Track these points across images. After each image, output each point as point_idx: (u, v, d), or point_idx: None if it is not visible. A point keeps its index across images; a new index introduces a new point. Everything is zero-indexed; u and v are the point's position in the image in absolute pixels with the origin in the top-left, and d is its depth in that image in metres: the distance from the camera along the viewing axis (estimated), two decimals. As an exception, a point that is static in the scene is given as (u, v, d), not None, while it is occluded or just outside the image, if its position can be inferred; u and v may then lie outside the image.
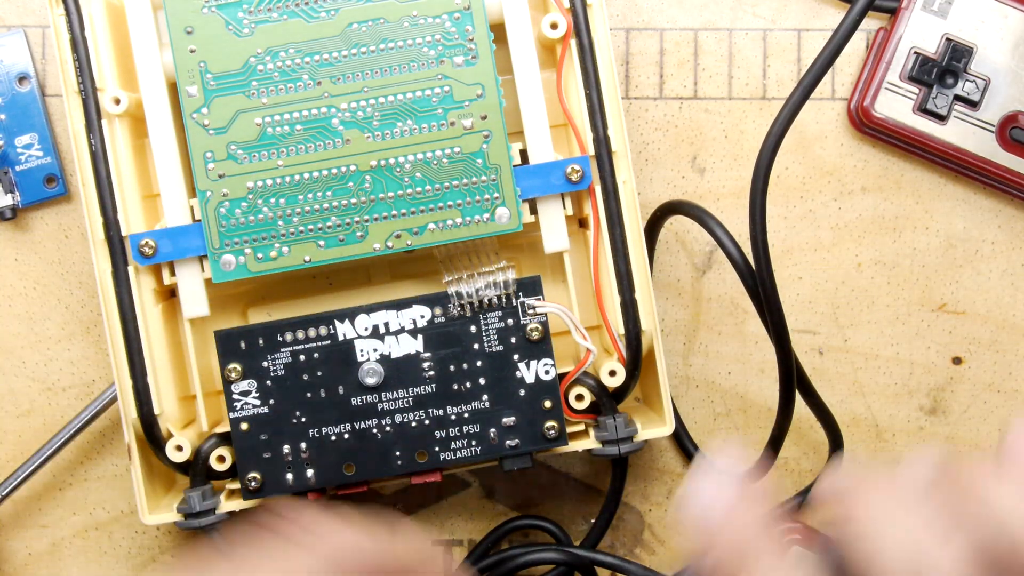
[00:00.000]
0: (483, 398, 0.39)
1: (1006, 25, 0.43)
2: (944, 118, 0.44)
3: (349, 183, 0.39)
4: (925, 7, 0.44)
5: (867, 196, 0.45)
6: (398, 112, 0.39)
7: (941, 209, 0.45)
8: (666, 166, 0.45)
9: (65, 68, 0.39)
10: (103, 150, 0.39)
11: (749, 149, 0.45)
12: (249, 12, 0.38)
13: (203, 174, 0.39)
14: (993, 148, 0.44)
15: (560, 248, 0.40)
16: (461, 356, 0.39)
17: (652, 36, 0.45)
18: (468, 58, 0.38)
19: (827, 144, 0.45)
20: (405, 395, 0.39)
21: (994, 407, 0.45)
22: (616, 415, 0.40)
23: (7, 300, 0.45)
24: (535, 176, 0.39)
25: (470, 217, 0.39)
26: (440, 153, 0.39)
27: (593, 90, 0.39)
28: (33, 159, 0.44)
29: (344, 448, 0.39)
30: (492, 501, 0.46)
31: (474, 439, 0.39)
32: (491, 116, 0.39)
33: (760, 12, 0.45)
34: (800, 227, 0.45)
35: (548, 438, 0.39)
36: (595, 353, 0.40)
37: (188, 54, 0.38)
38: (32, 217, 0.45)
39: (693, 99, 0.45)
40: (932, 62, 0.44)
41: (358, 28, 0.38)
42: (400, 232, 0.39)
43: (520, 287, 0.39)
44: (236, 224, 0.39)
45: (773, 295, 0.38)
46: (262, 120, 0.38)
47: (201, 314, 0.39)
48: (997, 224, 0.45)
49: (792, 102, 0.39)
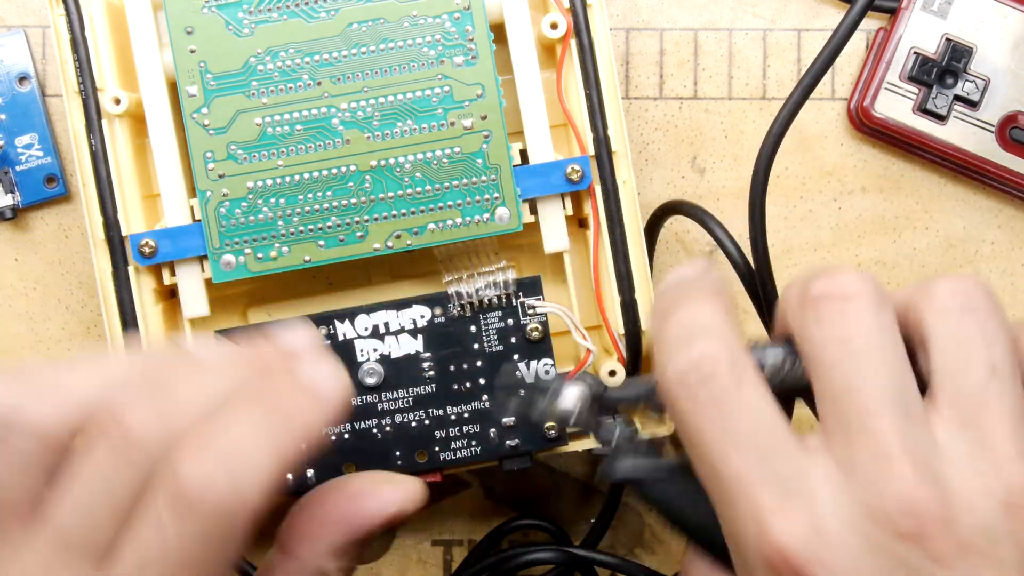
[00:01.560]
0: (483, 398, 0.39)
1: (1006, 25, 0.43)
2: (944, 118, 0.44)
3: (349, 183, 0.39)
4: (925, 7, 0.44)
5: (867, 196, 0.45)
6: (398, 112, 0.39)
7: (941, 209, 0.45)
8: (666, 166, 0.45)
9: (65, 68, 0.39)
10: (103, 150, 0.39)
11: (749, 149, 0.45)
12: (249, 12, 0.38)
13: (203, 174, 0.39)
14: (993, 148, 0.44)
15: (560, 248, 0.40)
16: (461, 356, 0.39)
17: (652, 36, 0.45)
18: (468, 58, 0.39)
19: (827, 144, 0.45)
20: (405, 395, 0.39)
21: (994, 407, 0.45)
22: (616, 415, 0.40)
23: (7, 300, 0.45)
24: (535, 176, 0.39)
25: (470, 217, 0.39)
26: (440, 153, 0.39)
27: (593, 90, 0.39)
28: (33, 159, 0.44)
29: (344, 448, 0.39)
30: (492, 501, 0.46)
31: (474, 439, 0.39)
32: (491, 116, 0.39)
33: (760, 12, 0.45)
34: (800, 227, 0.45)
35: (548, 438, 0.39)
36: (595, 353, 0.40)
37: (188, 54, 0.38)
38: (32, 217, 0.45)
39: (693, 99, 0.45)
40: (932, 62, 0.44)
41: (358, 28, 0.38)
42: (400, 232, 0.39)
43: (520, 287, 0.39)
44: (236, 224, 0.39)
45: (773, 295, 0.38)
46: (262, 120, 0.38)
47: (201, 314, 0.39)
48: (997, 224, 0.45)
49: (792, 102, 0.39)
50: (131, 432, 0.27)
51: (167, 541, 0.26)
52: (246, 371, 0.29)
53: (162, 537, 0.26)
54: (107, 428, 0.27)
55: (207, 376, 0.29)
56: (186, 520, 0.26)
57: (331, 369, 0.30)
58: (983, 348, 0.28)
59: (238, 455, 0.27)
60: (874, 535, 0.27)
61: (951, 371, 0.29)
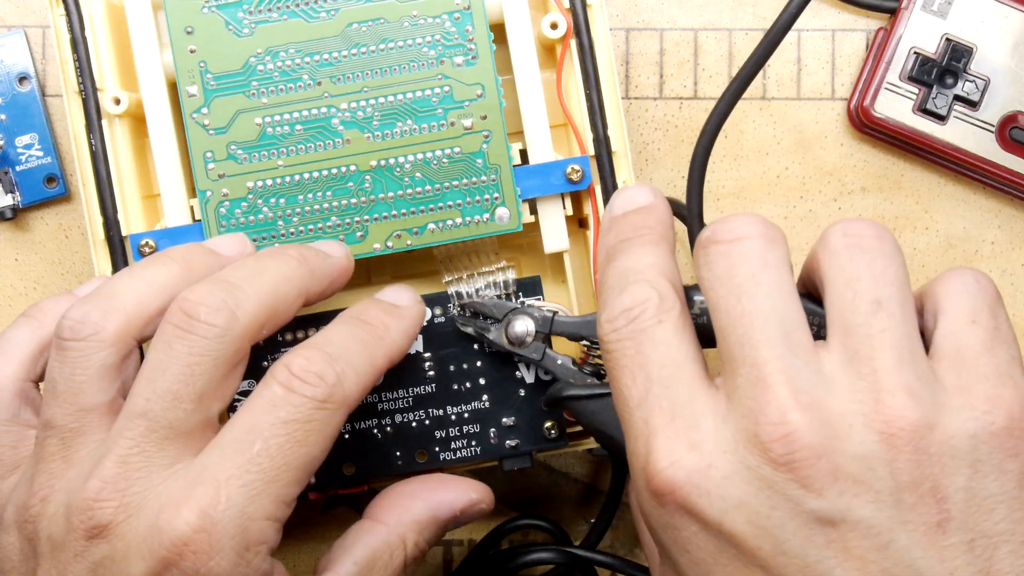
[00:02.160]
0: (483, 398, 0.39)
1: (1006, 25, 0.44)
2: (944, 118, 0.44)
3: (349, 183, 0.39)
4: (925, 7, 0.44)
5: (867, 196, 0.45)
6: (398, 112, 0.39)
7: (941, 209, 0.45)
8: (666, 166, 0.45)
9: (65, 68, 0.39)
10: (103, 150, 0.39)
11: (749, 149, 0.45)
12: (249, 12, 0.38)
13: (203, 174, 0.39)
14: (993, 148, 0.44)
15: (560, 248, 0.40)
16: (461, 356, 0.39)
17: (652, 36, 0.45)
18: (468, 58, 0.39)
19: (827, 144, 0.45)
20: (405, 395, 0.39)
21: (994, 407, 0.45)
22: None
23: (7, 300, 0.45)
24: (535, 176, 0.39)
25: (470, 217, 0.39)
26: (440, 153, 0.39)
27: (593, 90, 0.39)
28: (33, 159, 0.44)
29: (344, 448, 0.39)
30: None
31: (474, 439, 0.39)
32: (491, 116, 0.39)
33: (760, 12, 0.45)
34: (800, 227, 0.45)
35: (548, 438, 0.39)
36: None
37: (188, 54, 0.38)
38: (32, 217, 0.45)
39: (693, 99, 0.45)
40: (932, 62, 0.44)
41: (358, 28, 0.38)
42: (400, 232, 0.39)
43: (520, 287, 0.39)
44: (236, 224, 0.39)
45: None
46: (262, 120, 0.38)
47: (201, 314, 0.39)
48: (997, 224, 0.45)
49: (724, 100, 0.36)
50: (200, 319, 0.31)
51: (278, 414, 0.31)
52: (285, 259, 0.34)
53: (274, 411, 0.31)
54: (177, 319, 0.32)
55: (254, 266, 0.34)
56: (298, 399, 0.31)
57: (402, 288, 0.37)
58: (869, 284, 0.29)
59: (342, 358, 0.32)
60: (750, 462, 0.28)
61: (838, 307, 0.29)
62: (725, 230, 0.31)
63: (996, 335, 0.29)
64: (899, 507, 0.27)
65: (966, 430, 0.28)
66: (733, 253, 0.30)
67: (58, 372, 0.32)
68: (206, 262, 0.35)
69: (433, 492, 0.37)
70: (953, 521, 0.27)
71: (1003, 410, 0.28)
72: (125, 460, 0.31)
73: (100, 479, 0.31)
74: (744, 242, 0.30)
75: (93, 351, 0.32)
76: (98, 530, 0.30)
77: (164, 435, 0.31)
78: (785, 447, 0.27)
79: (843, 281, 0.30)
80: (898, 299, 0.29)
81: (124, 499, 0.31)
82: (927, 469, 0.27)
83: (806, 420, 0.28)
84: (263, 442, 0.30)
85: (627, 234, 0.34)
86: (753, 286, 0.29)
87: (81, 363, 0.32)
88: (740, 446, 0.28)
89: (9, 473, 0.34)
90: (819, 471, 0.27)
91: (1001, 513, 0.28)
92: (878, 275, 0.29)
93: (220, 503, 0.30)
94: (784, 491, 0.28)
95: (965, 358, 0.29)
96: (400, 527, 0.36)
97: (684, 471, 0.28)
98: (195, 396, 0.31)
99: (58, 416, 0.32)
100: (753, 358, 0.29)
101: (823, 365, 0.29)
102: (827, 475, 0.27)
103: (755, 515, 0.28)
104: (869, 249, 0.30)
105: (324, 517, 0.45)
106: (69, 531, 0.31)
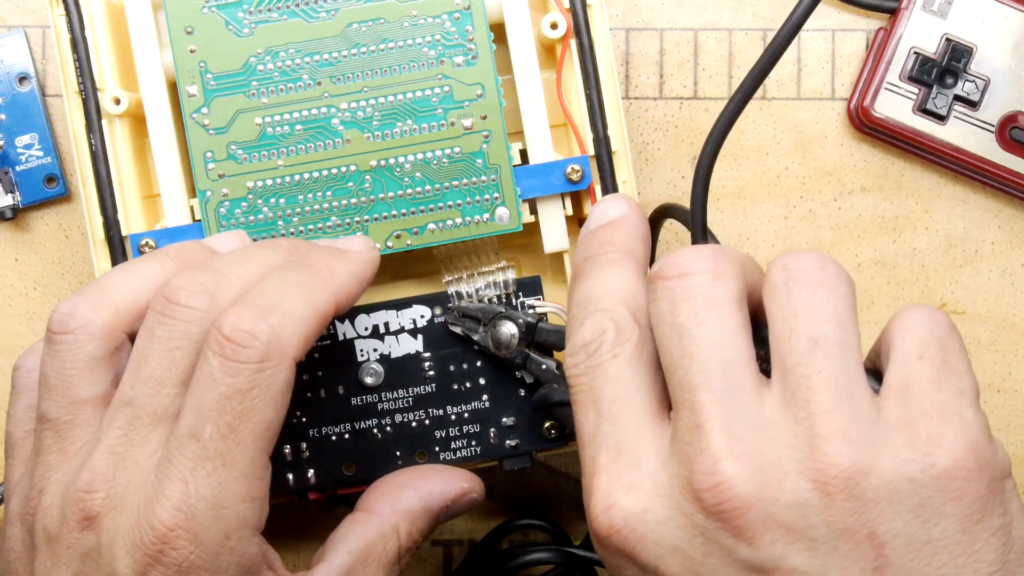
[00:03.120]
0: (483, 398, 0.39)
1: (1006, 25, 0.44)
2: (944, 118, 0.44)
3: (349, 183, 0.39)
4: (925, 7, 0.44)
5: (867, 196, 0.45)
6: (398, 112, 0.39)
7: (941, 209, 0.45)
8: (666, 166, 0.45)
9: (65, 68, 0.39)
10: (103, 150, 0.39)
11: (749, 149, 0.45)
12: (249, 12, 0.38)
13: (203, 174, 0.39)
14: (993, 148, 0.44)
15: (560, 248, 0.40)
16: (461, 356, 0.39)
17: (652, 36, 0.45)
18: (468, 58, 0.39)
19: (827, 144, 0.45)
20: (405, 395, 0.39)
21: (994, 407, 0.45)
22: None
23: (7, 300, 0.45)
24: (535, 176, 0.39)
25: (470, 217, 0.39)
26: (440, 153, 0.39)
27: (593, 90, 0.39)
28: (33, 159, 0.44)
29: (344, 448, 0.39)
30: (492, 501, 0.46)
31: (474, 439, 0.39)
32: (491, 116, 0.39)
33: (760, 12, 0.45)
34: (800, 227, 0.45)
35: (548, 438, 0.39)
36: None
37: (188, 54, 0.38)
38: (32, 217, 0.45)
39: (693, 99, 0.45)
40: (932, 62, 0.44)
41: (358, 28, 0.38)
42: (400, 232, 0.39)
43: (520, 287, 0.39)
44: (236, 224, 0.39)
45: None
46: (262, 120, 0.38)
47: (201, 314, 0.39)
48: (997, 224, 0.45)
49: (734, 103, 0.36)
50: (179, 303, 0.31)
51: (219, 390, 0.30)
52: (276, 248, 0.34)
53: (215, 387, 0.30)
54: (158, 306, 0.31)
55: (241, 254, 0.34)
56: (234, 368, 0.30)
57: (357, 236, 0.37)
58: (806, 321, 0.28)
59: (276, 308, 0.31)
60: (685, 508, 0.28)
61: (776, 346, 0.29)
62: (671, 265, 0.30)
63: (944, 368, 0.28)
64: (834, 554, 0.27)
65: (904, 473, 0.27)
66: (677, 290, 0.29)
67: (49, 365, 0.32)
68: (202, 258, 0.34)
69: (425, 482, 0.37)
70: (891, 567, 0.27)
71: (946, 450, 0.27)
72: (113, 450, 0.31)
73: (90, 470, 0.31)
74: (689, 278, 0.29)
75: (82, 344, 0.32)
76: (89, 521, 0.30)
77: (148, 422, 0.31)
78: (716, 497, 0.27)
79: (780, 318, 0.29)
80: (835, 336, 0.28)
81: (112, 490, 0.31)
82: (863, 516, 0.27)
83: (738, 469, 0.27)
84: (212, 425, 0.30)
85: (592, 251, 0.33)
86: (694, 325, 0.29)
87: (71, 356, 0.32)
88: (676, 491, 0.28)
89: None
90: (750, 521, 0.27)
91: (943, 559, 0.27)
92: (815, 311, 0.28)
93: (189, 497, 0.30)
94: (716, 539, 0.27)
95: (911, 394, 0.28)
96: (393, 517, 0.36)
97: (621, 514, 0.28)
98: (177, 380, 0.31)
99: (51, 409, 0.32)
100: (691, 402, 0.28)
101: (765, 406, 0.28)
102: (758, 524, 0.27)
103: (689, 561, 0.28)
104: (809, 283, 0.29)
105: (324, 517, 0.45)
106: (63, 522, 0.31)
